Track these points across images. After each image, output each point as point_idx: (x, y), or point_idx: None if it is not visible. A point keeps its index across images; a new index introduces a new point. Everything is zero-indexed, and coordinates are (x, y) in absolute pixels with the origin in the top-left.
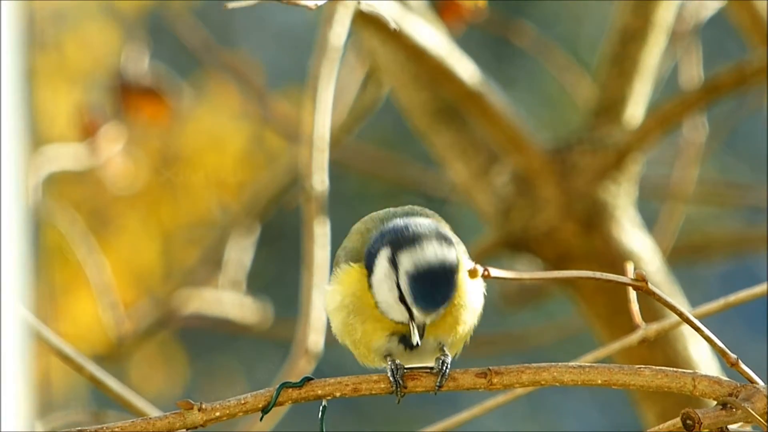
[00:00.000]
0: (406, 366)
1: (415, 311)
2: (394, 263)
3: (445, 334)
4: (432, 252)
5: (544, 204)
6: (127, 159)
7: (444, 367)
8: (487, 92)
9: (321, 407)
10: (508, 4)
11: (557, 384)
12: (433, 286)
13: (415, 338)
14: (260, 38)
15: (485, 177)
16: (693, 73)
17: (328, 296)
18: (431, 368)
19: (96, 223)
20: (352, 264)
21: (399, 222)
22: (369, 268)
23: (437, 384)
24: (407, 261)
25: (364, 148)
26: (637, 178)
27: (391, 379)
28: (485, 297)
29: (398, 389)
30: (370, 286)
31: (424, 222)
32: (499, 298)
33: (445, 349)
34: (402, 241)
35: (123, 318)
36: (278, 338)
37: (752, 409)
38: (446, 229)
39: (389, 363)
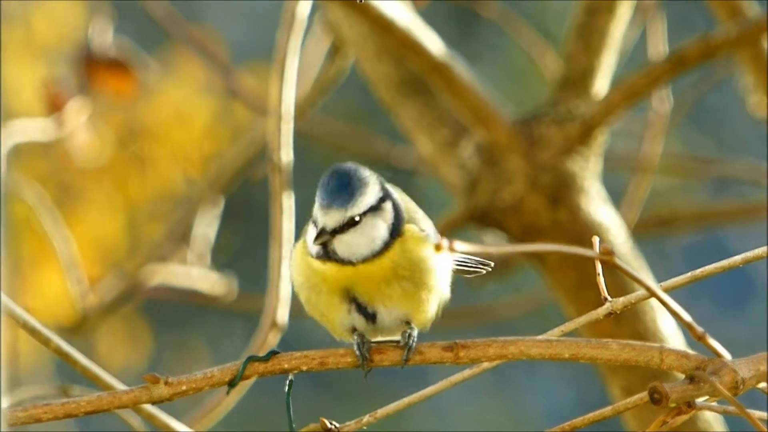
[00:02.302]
0: (372, 340)
1: (318, 214)
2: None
3: (399, 303)
4: (340, 169)
5: (510, 176)
6: (92, 132)
7: (410, 341)
8: (453, 65)
9: (287, 381)
10: None
11: (524, 358)
12: (334, 187)
13: (312, 246)
14: (226, 12)
15: (451, 150)
16: (659, 45)
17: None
18: (397, 342)
19: (62, 196)
20: (296, 243)
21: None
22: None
23: (404, 358)
24: (319, 189)
25: (330, 121)
26: (603, 150)
27: (357, 353)
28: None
29: (364, 363)
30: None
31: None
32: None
33: (411, 323)
34: (321, 184)
35: (89, 291)
36: (244, 312)
37: (719, 383)
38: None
39: (355, 337)
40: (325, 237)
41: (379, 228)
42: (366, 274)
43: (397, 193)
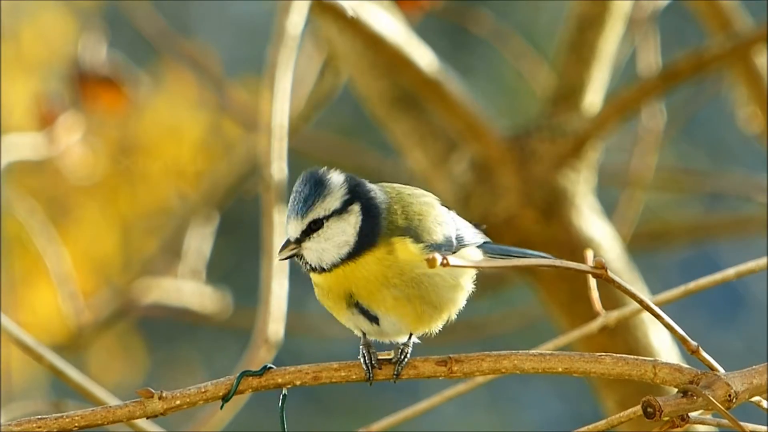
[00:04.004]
0: (381, 353)
1: (285, 226)
2: None
3: (393, 311)
4: (302, 177)
5: (503, 191)
6: (85, 148)
7: (402, 356)
8: (445, 80)
9: (281, 396)
10: None
11: (518, 372)
12: (294, 195)
13: (277, 254)
14: (217, 27)
15: (444, 165)
16: (651, 60)
17: None
18: (393, 359)
19: (55, 212)
20: None
21: None
22: None
23: (394, 372)
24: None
25: (323, 137)
26: (596, 165)
27: (363, 365)
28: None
29: (370, 374)
30: None
31: None
32: None
33: (410, 339)
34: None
35: (82, 308)
36: (238, 328)
37: (713, 397)
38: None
39: (361, 348)
40: (290, 248)
41: (345, 232)
42: (352, 278)
43: (379, 193)
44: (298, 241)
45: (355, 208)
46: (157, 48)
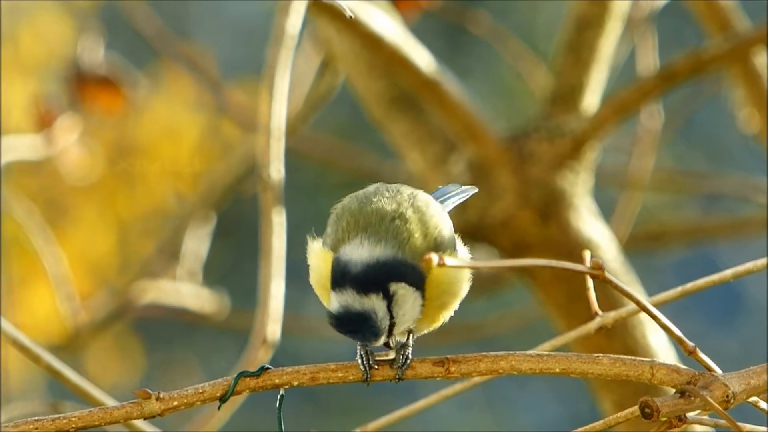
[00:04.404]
0: (376, 353)
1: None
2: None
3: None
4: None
5: (500, 192)
6: (83, 149)
7: (404, 359)
8: (443, 80)
9: (278, 397)
10: None
11: (515, 372)
12: (353, 328)
13: (364, 371)
14: (215, 28)
15: (442, 166)
16: (649, 60)
17: (311, 263)
18: (393, 360)
19: (52, 213)
20: (325, 249)
21: (349, 252)
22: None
23: (396, 375)
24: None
25: (321, 138)
26: (594, 166)
27: (361, 366)
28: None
29: (368, 376)
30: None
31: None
32: None
33: (409, 339)
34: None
35: (79, 309)
36: (235, 329)
37: (710, 398)
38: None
39: (358, 349)
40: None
41: (414, 306)
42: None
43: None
44: (389, 335)
45: (400, 287)
46: (155, 49)
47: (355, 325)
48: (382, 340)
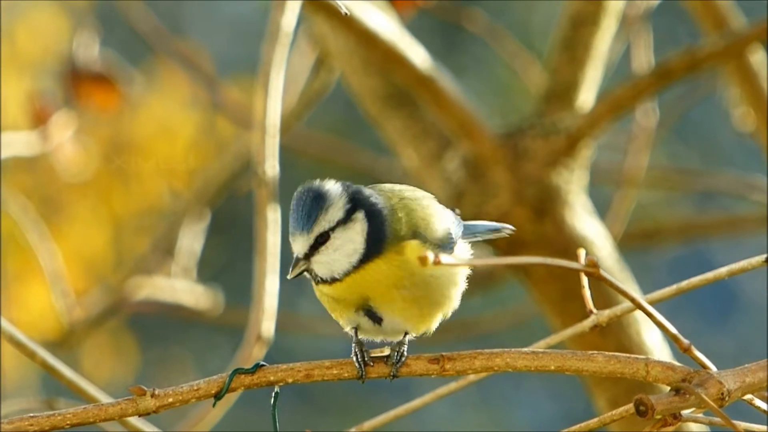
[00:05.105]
0: (371, 350)
1: (291, 243)
2: None
3: (399, 313)
4: (299, 193)
5: (495, 189)
6: (78, 146)
7: (399, 356)
8: (438, 78)
9: (273, 394)
10: None
11: (510, 370)
12: (295, 212)
13: (290, 272)
14: (211, 26)
15: (437, 163)
16: (644, 58)
17: None
18: (387, 357)
19: (47, 210)
20: None
21: None
22: None
23: (391, 372)
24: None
25: (316, 135)
26: (589, 163)
27: (355, 363)
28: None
29: (362, 373)
30: None
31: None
32: None
33: (407, 334)
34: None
35: (74, 305)
36: (229, 326)
37: (705, 395)
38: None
39: (353, 347)
40: (300, 265)
41: (353, 240)
42: (364, 284)
43: (379, 198)
44: (307, 257)
45: (359, 215)
46: (150, 46)
47: (306, 195)
48: (301, 244)
